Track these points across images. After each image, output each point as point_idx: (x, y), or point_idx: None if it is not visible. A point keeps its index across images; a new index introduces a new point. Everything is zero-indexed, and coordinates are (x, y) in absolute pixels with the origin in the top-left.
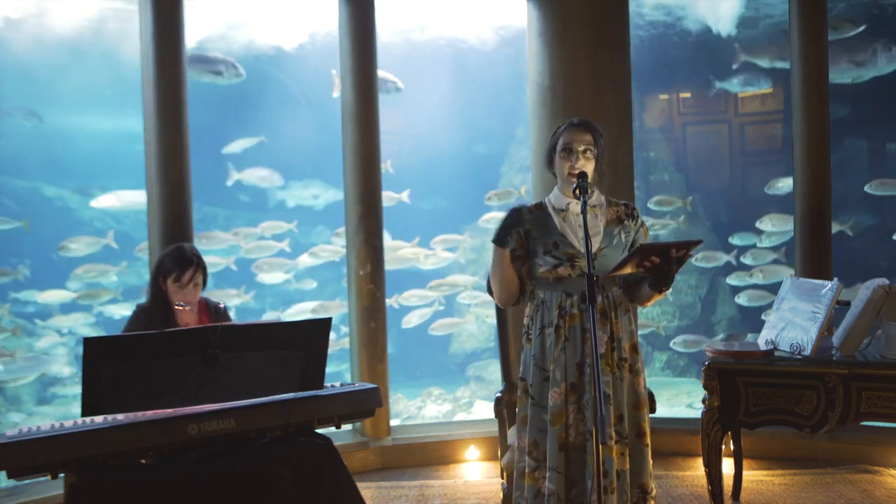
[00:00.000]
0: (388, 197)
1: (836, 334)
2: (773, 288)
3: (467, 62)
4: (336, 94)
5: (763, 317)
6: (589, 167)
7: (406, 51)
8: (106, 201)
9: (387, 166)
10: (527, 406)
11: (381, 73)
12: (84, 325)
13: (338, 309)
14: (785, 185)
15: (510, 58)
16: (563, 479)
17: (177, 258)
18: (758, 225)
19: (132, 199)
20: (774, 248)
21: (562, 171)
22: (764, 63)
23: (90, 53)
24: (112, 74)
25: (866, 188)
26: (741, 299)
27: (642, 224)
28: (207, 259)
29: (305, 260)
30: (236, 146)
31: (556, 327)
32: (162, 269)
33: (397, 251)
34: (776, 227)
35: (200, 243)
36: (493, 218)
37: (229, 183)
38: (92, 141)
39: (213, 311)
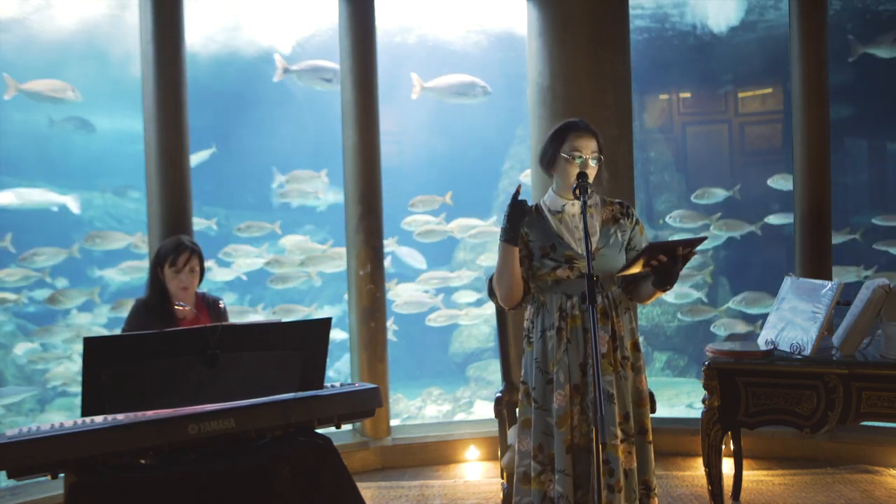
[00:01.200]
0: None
1: (836, 334)
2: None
3: (468, 62)
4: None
5: (680, 315)
6: (594, 173)
7: (404, 50)
8: (4, 199)
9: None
10: (529, 410)
11: (468, 77)
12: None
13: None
14: (710, 195)
15: (511, 57)
16: (571, 481)
17: (173, 245)
18: (668, 220)
19: (32, 197)
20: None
21: (568, 175)
22: (884, 53)
23: (87, 53)
24: (109, 75)
25: (692, 198)
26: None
27: (637, 221)
28: None
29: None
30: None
31: (557, 329)
32: (159, 257)
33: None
34: (683, 224)
35: None
36: (415, 221)
37: (274, 185)
38: (91, 141)
39: (212, 306)
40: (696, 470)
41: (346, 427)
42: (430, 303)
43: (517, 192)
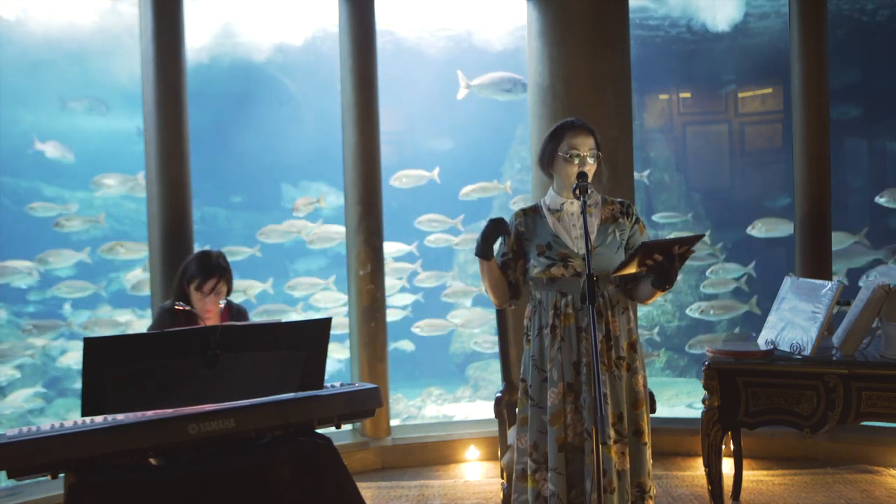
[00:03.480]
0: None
1: (836, 334)
2: None
3: (467, 61)
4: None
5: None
6: (593, 171)
7: (405, 48)
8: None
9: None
10: (527, 407)
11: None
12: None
13: None
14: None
15: (511, 57)
16: (564, 480)
17: (201, 266)
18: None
19: None
20: None
21: (567, 175)
22: None
23: (85, 53)
24: (107, 75)
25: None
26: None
27: (637, 220)
28: None
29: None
30: None
31: (551, 327)
32: (186, 274)
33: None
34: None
35: None
36: (297, 226)
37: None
38: (89, 141)
39: (236, 315)
40: (696, 470)
41: (346, 427)
42: (449, 326)
43: (497, 218)
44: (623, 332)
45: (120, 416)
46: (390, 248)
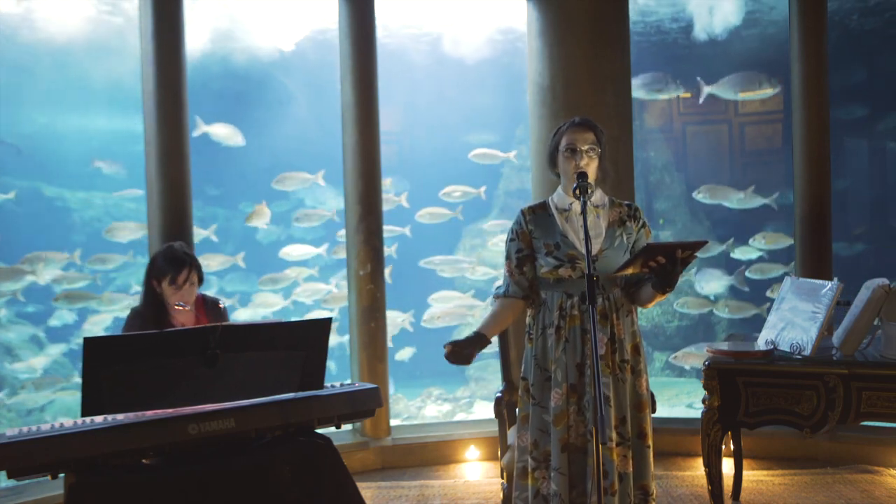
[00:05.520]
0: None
1: (836, 334)
2: None
3: (467, 61)
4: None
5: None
6: (592, 166)
7: (405, 49)
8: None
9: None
10: (528, 406)
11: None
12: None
13: None
14: None
15: (511, 57)
16: (567, 480)
17: (169, 259)
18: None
19: None
20: None
21: (567, 171)
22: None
23: (85, 54)
24: (107, 75)
25: None
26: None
27: (643, 224)
28: None
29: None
30: None
31: (556, 328)
32: (154, 271)
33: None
34: None
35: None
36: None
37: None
38: (90, 141)
39: (212, 308)
40: (696, 470)
41: (346, 427)
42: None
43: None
44: (627, 335)
45: (120, 416)
46: (297, 251)
